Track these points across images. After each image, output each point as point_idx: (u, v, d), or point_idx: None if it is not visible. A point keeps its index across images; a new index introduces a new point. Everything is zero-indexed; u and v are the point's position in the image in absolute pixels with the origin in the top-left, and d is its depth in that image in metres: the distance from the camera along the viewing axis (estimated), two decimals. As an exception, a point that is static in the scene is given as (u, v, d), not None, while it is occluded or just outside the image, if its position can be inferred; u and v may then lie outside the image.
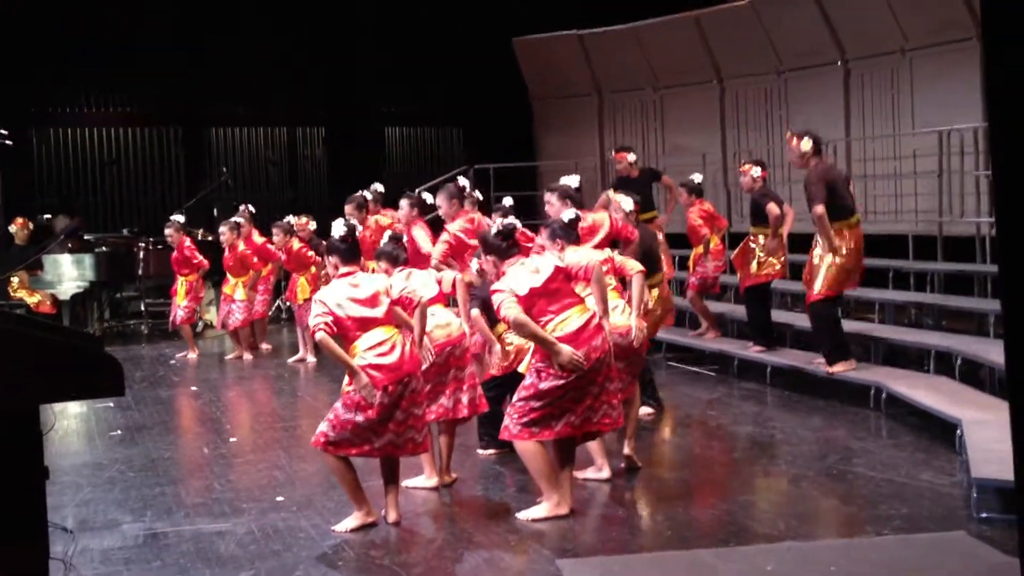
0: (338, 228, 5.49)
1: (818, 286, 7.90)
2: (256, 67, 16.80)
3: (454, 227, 7.55)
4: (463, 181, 8.18)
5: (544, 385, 5.31)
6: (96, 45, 15.86)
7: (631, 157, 10.35)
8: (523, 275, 5.35)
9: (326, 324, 5.17)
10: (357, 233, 5.58)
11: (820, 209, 7.70)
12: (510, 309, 5.22)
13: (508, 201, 7.89)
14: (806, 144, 7.83)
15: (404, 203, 8.18)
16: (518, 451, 5.47)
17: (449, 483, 6.15)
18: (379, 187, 10.86)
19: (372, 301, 5.34)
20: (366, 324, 5.30)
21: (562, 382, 5.27)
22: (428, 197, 8.15)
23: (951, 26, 11.06)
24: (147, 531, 5.47)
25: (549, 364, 5.29)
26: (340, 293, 5.32)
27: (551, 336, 5.25)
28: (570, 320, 5.31)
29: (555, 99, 16.18)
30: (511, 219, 5.91)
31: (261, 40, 16.73)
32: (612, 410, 5.46)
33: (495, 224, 5.59)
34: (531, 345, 5.57)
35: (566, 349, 5.22)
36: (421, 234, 7.96)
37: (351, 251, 5.48)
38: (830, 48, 12.57)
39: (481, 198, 8.52)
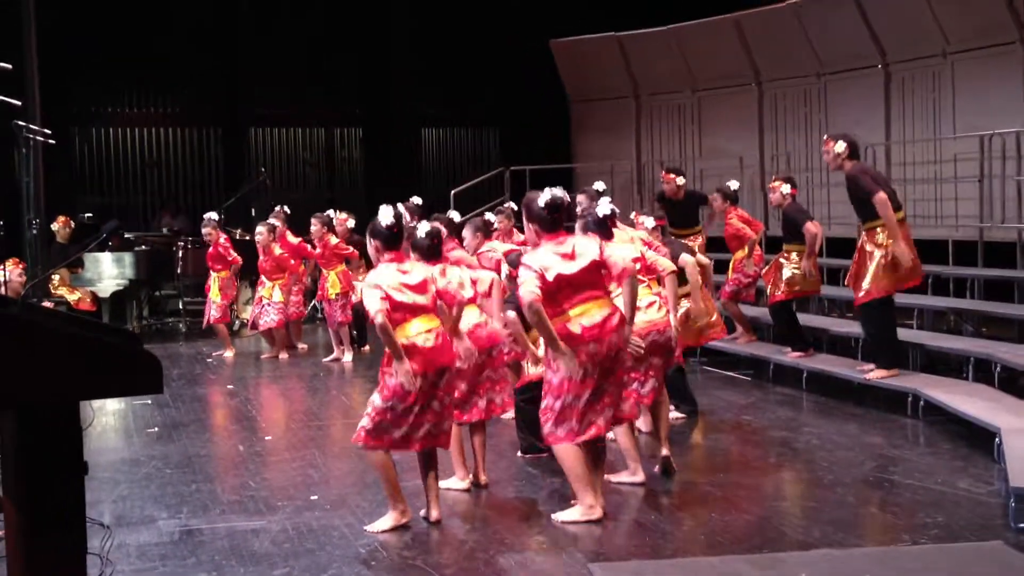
0: (385, 215, 5.40)
1: (867, 284, 7.82)
2: (294, 68, 16.93)
3: (503, 248, 7.47)
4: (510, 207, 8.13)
5: (557, 380, 5.29)
6: (137, 46, 16.05)
7: (680, 181, 10.59)
8: (557, 258, 5.28)
9: (386, 310, 5.14)
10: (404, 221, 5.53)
11: (882, 195, 7.60)
12: (530, 293, 5.16)
13: (600, 185, 7.88)
14: (839, 146, 7.80)
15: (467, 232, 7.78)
16: (556, 454, 5.45)
17: (483, 485, 6.16)
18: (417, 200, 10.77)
19: (422, 288, 5.35)
20: (416, 310, 5.30)
21: (570, 373, 5.23)
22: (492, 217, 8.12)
23: (994, 29, 10.94)
24: (183, 527, 5.52)
25: (557, 356, 5.25)
26: (392, 277, 5.29)
27: (555, 333, 5.18)
28: (590, 312, 5.26)
29: (592, 101, 16.15)
30: (605, 202, 5.94)
31: (299, 41, 16.86)
32: (626, 402, 5.52)
33: (545, 194, 5.38)
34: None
35: (566, 351, 5.18)
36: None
37: (394, 238, 5.41)
38: (871, 51, 12.46)
39: (516, 209, 8.43)
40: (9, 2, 11.97)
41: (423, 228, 5.70)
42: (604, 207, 6.00)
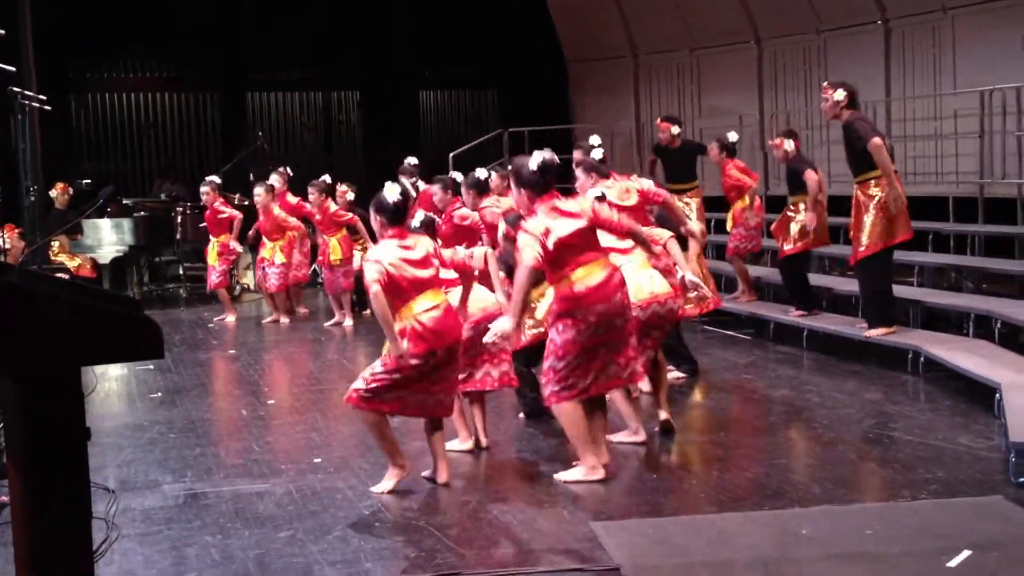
0: (391, 191, 5.36)
1: (865, 239, 7.80)
2: (292, 32, 16.81)
3: (507, 202, 7.46)
4: (482, 173, 7.82)
5: (561, 340, 5.29)
6: (134, 10, 15.92)
7: (675, 130, 10.50)
8: (554, 221, 5.25)
9: (383, 282, 5.15)
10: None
11: (878, 140, 7.61)
12: (531, 259, 5.14)
13: (595, 139, 7.84)
14: (839, 94, 7.78)
15: (437, 188, 7.62)
16: (556, 414, 5.47)
17: (485, 448, 6.18)
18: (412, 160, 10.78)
19: (425, 262, 5.34)
20: (420, 286, 5.29)
21: (578, 334, 5.22)
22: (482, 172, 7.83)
23: (995, -16, 10.87)
24: (187, 491, 5.55)
25: (564, 317, 5.26)
26: (393, 254, 5.27)
27: (524, 300, 5.20)
28: (592, 273, 5.26)
29: (590, 61, 16.06)
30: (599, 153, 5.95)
31: (297, 5, 16.72)
32: (634, 363, 5.47)
33: (535, 157, 5.34)
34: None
35: (516, 321, 5.18)
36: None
37: (398, 214, 5.37)
38: (871, 7, 12.37)
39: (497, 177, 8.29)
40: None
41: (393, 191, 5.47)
42: (598, 153, 6.03)
